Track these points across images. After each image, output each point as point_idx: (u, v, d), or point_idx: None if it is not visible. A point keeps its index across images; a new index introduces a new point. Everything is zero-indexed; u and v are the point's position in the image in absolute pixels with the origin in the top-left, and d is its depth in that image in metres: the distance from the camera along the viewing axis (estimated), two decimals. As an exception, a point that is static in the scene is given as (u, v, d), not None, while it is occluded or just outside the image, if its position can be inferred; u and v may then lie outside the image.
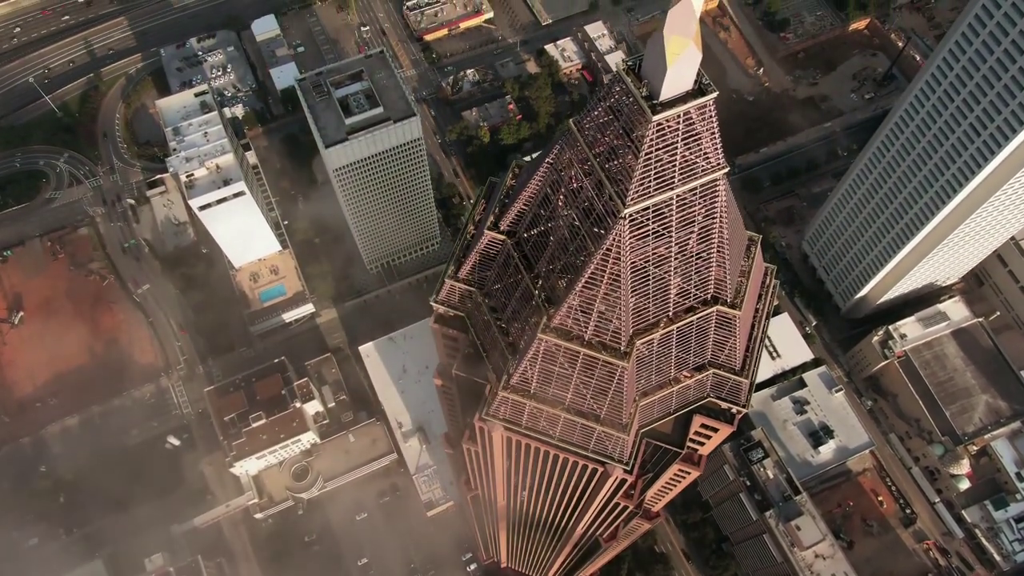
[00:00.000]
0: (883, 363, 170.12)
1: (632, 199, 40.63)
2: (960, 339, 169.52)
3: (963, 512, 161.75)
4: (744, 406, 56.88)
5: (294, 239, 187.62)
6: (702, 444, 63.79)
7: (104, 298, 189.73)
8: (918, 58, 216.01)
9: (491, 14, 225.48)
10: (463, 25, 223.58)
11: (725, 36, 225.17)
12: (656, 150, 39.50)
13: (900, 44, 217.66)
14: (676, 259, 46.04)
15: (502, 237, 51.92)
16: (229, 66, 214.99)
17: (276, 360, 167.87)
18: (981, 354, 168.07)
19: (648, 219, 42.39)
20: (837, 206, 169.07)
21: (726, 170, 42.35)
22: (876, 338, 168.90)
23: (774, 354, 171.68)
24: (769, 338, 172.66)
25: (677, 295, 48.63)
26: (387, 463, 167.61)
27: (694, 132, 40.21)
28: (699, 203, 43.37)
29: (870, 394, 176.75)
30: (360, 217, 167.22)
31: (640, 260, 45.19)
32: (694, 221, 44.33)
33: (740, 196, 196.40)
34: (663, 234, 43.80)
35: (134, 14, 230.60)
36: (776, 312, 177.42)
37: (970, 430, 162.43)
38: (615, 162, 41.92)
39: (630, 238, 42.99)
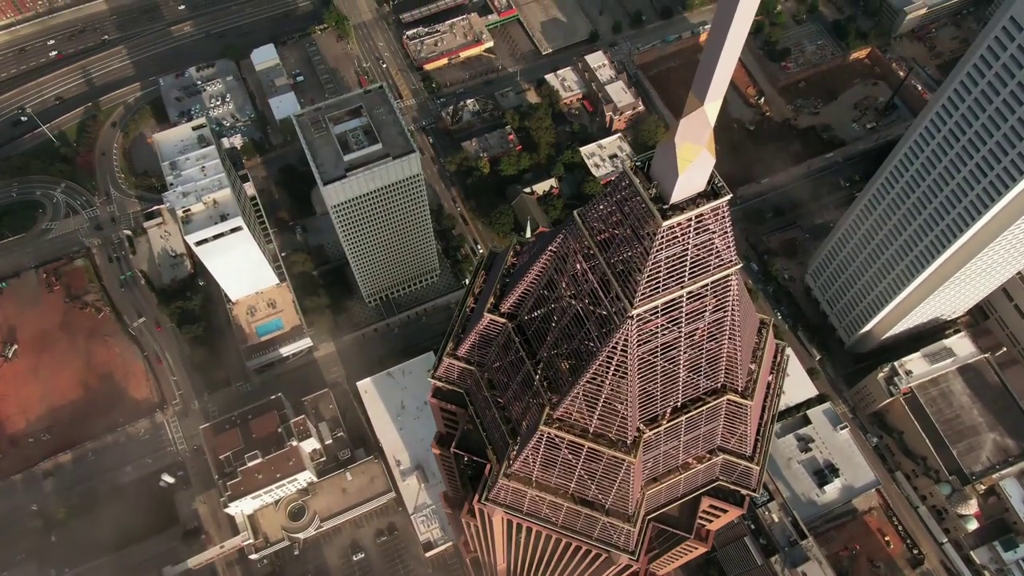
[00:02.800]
0: (888, 400, 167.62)
1: (640, 300, 38.72)
2: (966, 375, 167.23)
3: (972, 553, 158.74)
4: (755, 490, 54.67)
5: (292, 271, 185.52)
6: (710, 521, 61.48)
7: (99, 331, 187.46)
8: (920, 87, 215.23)
9: (491, 43, 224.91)
10: (463, 54, 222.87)
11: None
12: (666, 252, 37.64)
13: (901, 73, 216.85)
14: (685, 351, 44.05)
15: (503, 320, 49.96)
16: (228, 96, 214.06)
17: (273, 397, 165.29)
18: (988, 391, 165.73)
19: (656, 316, 40.48)
20: (841, 240, 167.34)
21: (739, 266, 40.41)
22: (881, 374, 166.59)
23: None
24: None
25: (686, 386, 46.57)
26: (385, 502, 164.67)
27: (706, 232, 38.34)
28: (710, 297, 41.45)
29: (875, 431, 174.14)
30: (359, 251, 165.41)
31: (648, 354, 43.19)
32: (704, 315, 42.40)
33: (742, 227, 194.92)
34: (672, 329, 41.84)
35: (133, 43, 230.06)
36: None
37: (978, 469, 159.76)
38: (622, 257, 40.00)
39: (637, 335, 41.02)
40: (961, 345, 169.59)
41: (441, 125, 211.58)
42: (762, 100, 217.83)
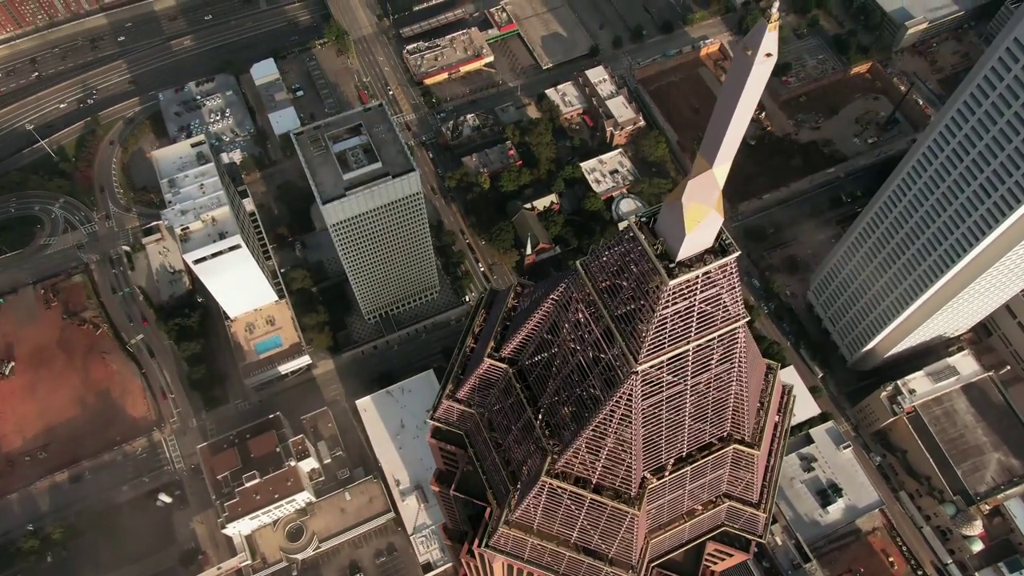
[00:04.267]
0: (892, 419, 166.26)
1: (646, 356, 37.65)
2: (970, 394, 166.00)
3: (976, 574, 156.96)
4: (761, 537, 53.45)
5: (291, 288, 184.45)
6: (715, 563, 60.25)
7: (97, 348, 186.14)
8: (921, 102, 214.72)
9: (491, 58, 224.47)
10: (463, 69, 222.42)
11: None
12: (672, 308, 36.59)
13: (902, 88, 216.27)
14: (691, 402, 42.94)
15: (503, 365, 48.86)
16: (227, 110, 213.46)
17: (271, 416, 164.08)
18: (992, 410, 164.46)
19: (662, 371, 39.41)
20: (843, 258, 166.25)
21: (747, 319, 39.33)
22: (885, 393, 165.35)
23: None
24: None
25: (692, 435, 45.44)
26: (384, 522, 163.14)
27: (714, 287, 37.30)
28: (717, 350, 40.37)
29: (879, 449, 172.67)
30: (358, 269, 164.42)
31: (653, 406, 42.08)
32: (711, 366, 41.32)
33: (743, 244, 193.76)
34: (678, 381, 40.76)
35: (133, 57, 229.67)
36: (782, 364, 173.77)
37: (982, 489, 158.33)
38: (625, 310, 38.91)
39: (642, 389, 39.93)
40: (965, 363, 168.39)
41: (441, 140, 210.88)
42: (763, 115, 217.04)
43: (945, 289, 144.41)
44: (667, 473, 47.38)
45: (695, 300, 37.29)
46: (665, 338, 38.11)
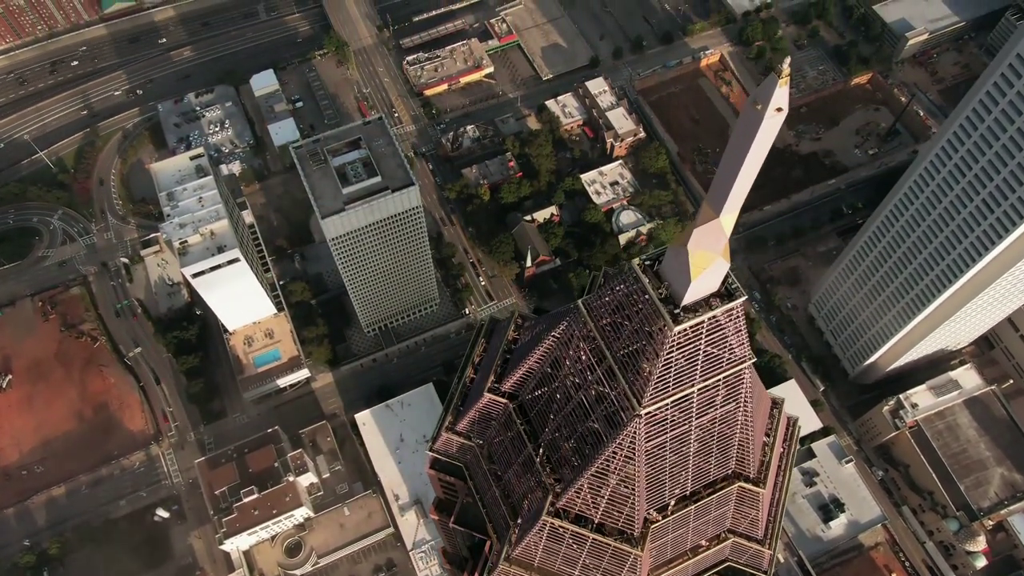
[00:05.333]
0: (894, 433, 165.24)
1: (650, 399, 36.84)
2: (973, 408, 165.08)
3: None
4: (766, 573, 52.51)
5: (290, 300, 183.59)
6: (719, 595, 59.29)
7: (95, 361, 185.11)
8: (922, 113, 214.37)
9: (491, 69, 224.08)
10: (463, 80, 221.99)
11: (727, 90, 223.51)
12: (677, 353, 35.82)
13: (903, 99, 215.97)
14: (696, 442, 42.13)
15: (503, 400, 48.03)
16: (227, 121, 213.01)
17: (270, 430, 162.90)
18: (995, 424, 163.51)
19: (666, 412, 38.59)
20: (845, 271, 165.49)
21: (753, 361, 38.52)
22: (887, 407, 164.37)
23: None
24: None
25: (696, 474, 44.60)
26: (383, 537, 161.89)
27: (719, 331, 36.52)
28: (722, 390, 39.58)
29: (881, 464, 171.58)
30: (358, 282, 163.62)
31: (656, 447, 41.25)
32: (716, 406, 40.51)
33: (744, 256, 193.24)
34: (682, 422, 39.93)
35: (132, 68, 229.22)
36: (783, 378, 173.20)
37: (986, 505, 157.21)
38: (629, 350, 38.11)
39: (646, 431, 39.10)
40: (967, 377, 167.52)
41: (441, 151, 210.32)
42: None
43: (948, 303, 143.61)
44: (671, 510, 46.53)
45: (701, 343, 36.50)
46: (670, 381, 37.34)
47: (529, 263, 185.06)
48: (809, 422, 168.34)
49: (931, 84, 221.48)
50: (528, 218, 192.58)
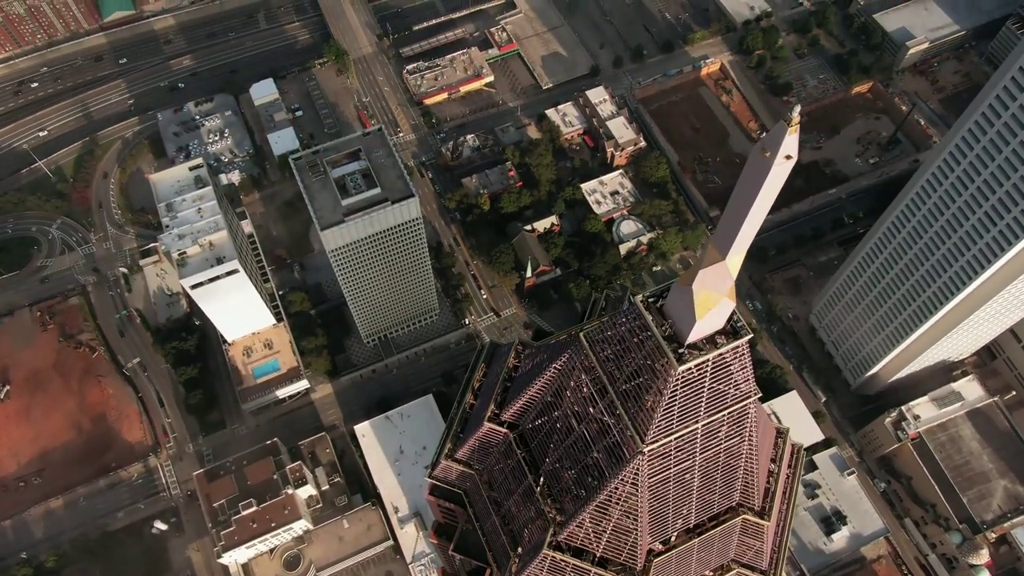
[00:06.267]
0: (896, 445, 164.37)
1: (653, 436, 36.17)
2: (975, 420, 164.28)
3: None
4: (771, 603, 51.78)
5: (289, 311, 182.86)
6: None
7: (93, 371, 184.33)
8: (922, 122, 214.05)
9: (491, 78, 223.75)
10: (463, 89, 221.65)
11: (727, 99, 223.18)
12: (681, 391, 35.14)
13: (903, 108, 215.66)
14: (700, 476, 41.43)
15: (503, 430, 47.33)
16: (226, 130, 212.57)
17: (268, 442, 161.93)
18: (998, 436, 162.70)
19: (670, 448, 37.92)
20: (847, 281, 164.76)
21: (758, 396, 37.86)
22: (889, 419, 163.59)
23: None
24: (778, 417, 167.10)
25: (700, 507, 43.87)
26: (382, 550, 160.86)
27: (725, 368, 35.86)
28: (727, 426, 38.91)
29: (883, 475, 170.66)
30: (357, 293, 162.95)
31: (660, 481, 40.54)
32: (720, 442, 39.82)
33: (745, 266, 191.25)
34: (686, 458, 39.25)
35: (132, 76, 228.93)
36: (785, 389, 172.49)
37: (989, 518, 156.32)
38: (631, 385, 37.42)
39: (649, 467, 38.41)
40: (970, 389, 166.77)
41: (441, 161, 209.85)
42: (764, 135, 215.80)
43: (951, 316, 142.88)
44: (674, 544, 45.81)
45: (706, 380, 35.83)
46: (674, 418, 36.67)
47: (529, 273, 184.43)
48: (811, 433, 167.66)
49: (932, 93, 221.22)
50: (528, 228, 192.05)
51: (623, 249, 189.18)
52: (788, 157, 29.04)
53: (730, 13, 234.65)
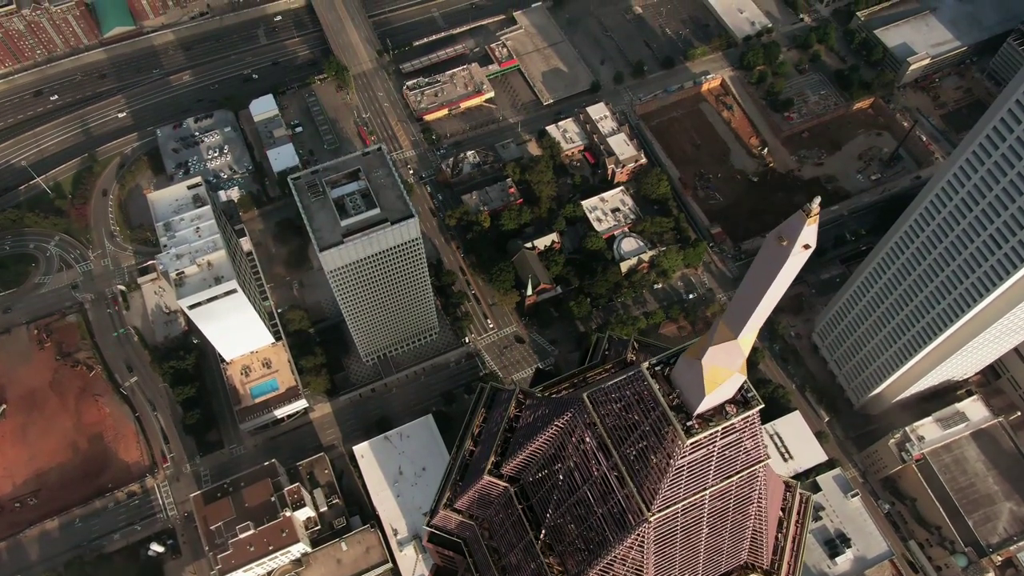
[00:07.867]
0: (900, 466, 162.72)
1: (659, 506, 34.89)
2: (980, 441, 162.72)
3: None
4: (780, 659, 50.32)
5: (288, 329, 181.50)
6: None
7: (90, 390, 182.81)
8: (924, 138, 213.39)
9: (492, 94, 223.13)
10: (464, 105, 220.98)
11: (728, 115, 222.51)
12: (688, 460, 33.90)
13: (905, 124, 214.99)
14: (707, 539, 40.11)
15: (503, 484, 46.04)
16: (226, 147, 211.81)
17: (267, 463, 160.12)
18: (1003, 457, 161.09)
19: (677, 517, 36.63)
20: (850, 301, 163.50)
21: (767, 461, 36.58)
22: (893, 440, 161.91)
23: (786, 456, 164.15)
24: (780, 438, 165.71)
25: (707, 568, 42.52)
26: (381, 572, 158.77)
27: (734, 435, 34.62)
28: (736, 490, 37.63)
29: (887, 497, 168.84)
30: (356, 313, 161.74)
31: (666, 546, 39.22)
32: (729, 504, 38.53)
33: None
34: (693, 525, 37.92)
35: (131, 92, 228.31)
36: (787, 408, 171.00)
37: (994, 541, 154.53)
38: (637, 449, 36.15)
39: (655, 534, 37.10)
40: (974, 409, 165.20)
41: (441, 177, 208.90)
42: (765, 151, 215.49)
43: (955, 337, 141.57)
44: (680, 605, 44.48)
45: (715, 449, 34.59)
46: (681, 486, 35.38)
47: (530, 291, 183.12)
48: (814, 455, 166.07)
49: (933, 109, 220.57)
50: (529, 245, 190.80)
51: (624, 267, 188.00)
52: (806, 247, 27.92)
53: (731, 29, 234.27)
